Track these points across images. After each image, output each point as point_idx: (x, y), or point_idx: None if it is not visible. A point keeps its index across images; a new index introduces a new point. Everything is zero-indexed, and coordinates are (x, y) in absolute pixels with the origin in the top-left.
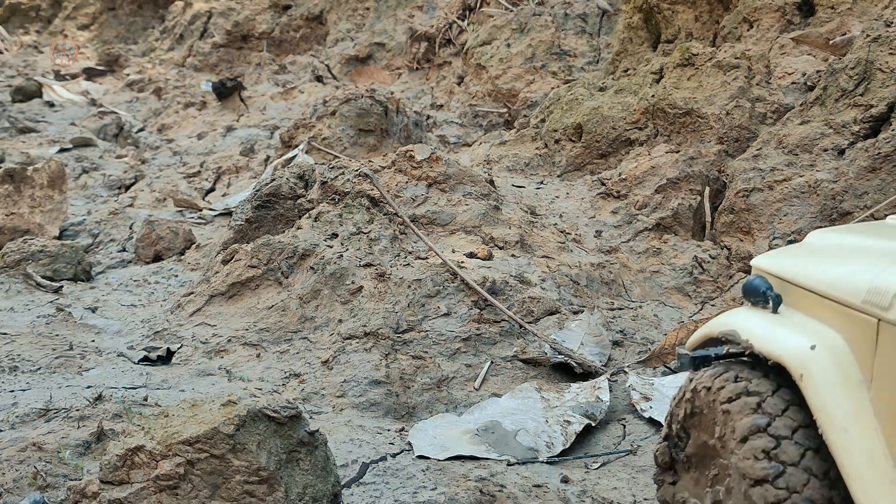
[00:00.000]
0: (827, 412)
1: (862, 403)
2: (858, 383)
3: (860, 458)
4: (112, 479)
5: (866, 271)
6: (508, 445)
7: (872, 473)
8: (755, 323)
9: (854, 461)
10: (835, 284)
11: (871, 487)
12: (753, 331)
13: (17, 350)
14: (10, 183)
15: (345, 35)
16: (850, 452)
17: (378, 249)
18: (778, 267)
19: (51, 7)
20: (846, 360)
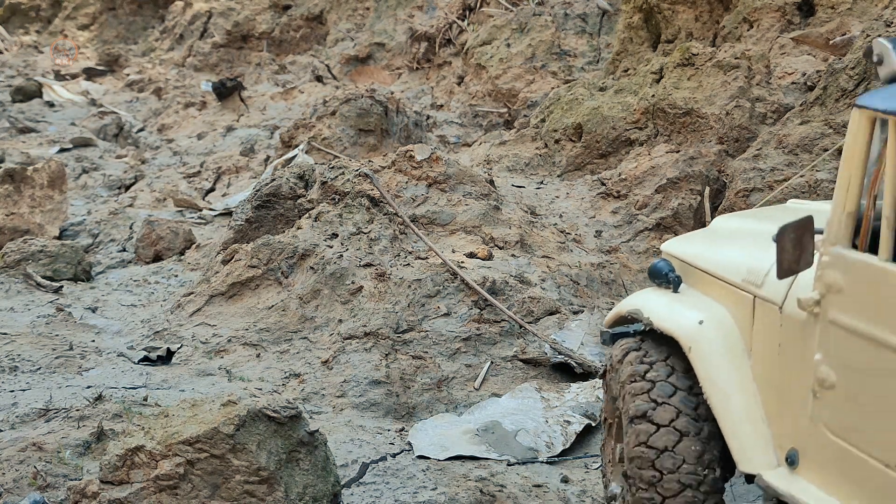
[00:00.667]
0: (711, 380)
1: (743, 371)
2: (740, 353)
3: (740, 420)
4: (112, 479)
5: (748, 253)
6: (508, 445)
7: (750, 434)
8: (656, 302)
9: (734, 423)
10: (722, 266)
11: (749, 446)
12: (653, 309)
13: (17, 350)
14: (10, 183)
15: (345, 35)
16: (730, 415)
17: (378, 249)
18: (681, 251)
19: (51, 7)
20: (730, 334)
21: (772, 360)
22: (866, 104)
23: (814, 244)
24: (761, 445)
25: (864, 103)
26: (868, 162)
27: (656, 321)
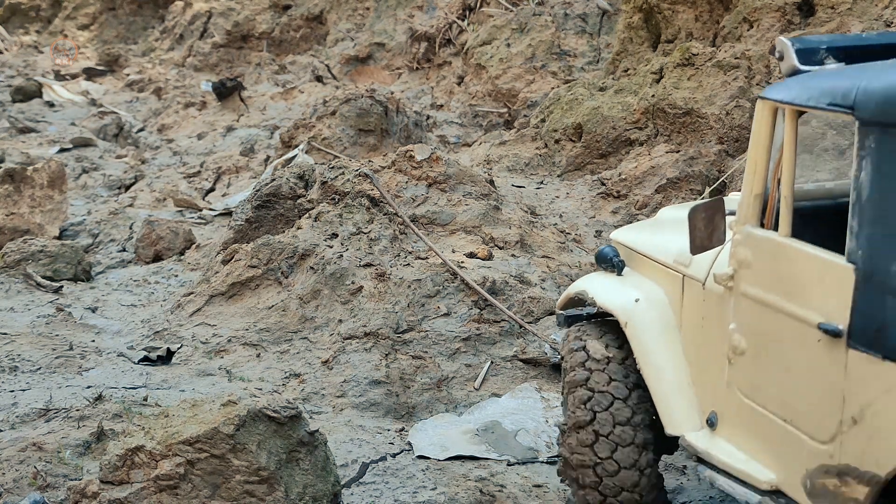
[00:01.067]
0: (643, 351)
1: (673, 344)
2: (672, 328)
3: (668, 387)
4: (112, 479)
5: (681, 238)
6: (508, 445)
7: (677, 400)
8: (600, 283)
9: (663, 390)
10: (658, 250)
11: (675, 411)
12: (597, 290)
13: (17, 350)
14: (10, 183)
15: (345, 35)
16: (660, 383)
17: (378, 249)
18: (626, 238)
19: (51, 7)
20: (664, 311)
21: (696, 332)
22: (768, 96)
23: (725, 223)
24: (686, 410)
25: (766, 95)
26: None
27: (598, 300)
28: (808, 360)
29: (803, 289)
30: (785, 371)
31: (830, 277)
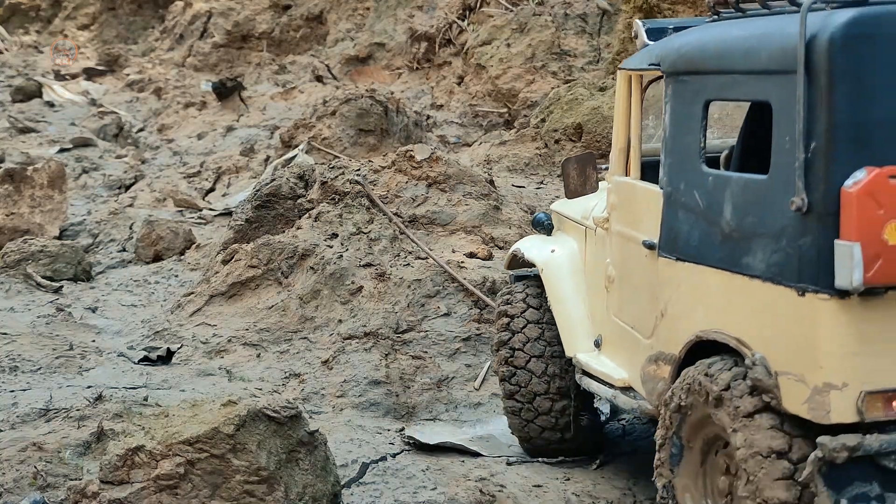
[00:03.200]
0: (553, 290)
1: (578, 285)
2: (578, 272)
3: (568, 319)
4: (112, 479)
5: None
6: (500, 450)
7: (575, 328)
8: (531, 243)
9: (567, 324)
10: (574, 211)
11: (573, 337)
12: (528, 247)
13: (17, 350)
14: (10, 183)
15: (345, 35)
16: (563, 316)
17: (378, 249)
18: (558, 207)
19: (51, 7)
20: (573, 259)
21: (590, 272)
22: (622, 66)
23: (596, 174)
24: (581, 336)
25: (621, 66)
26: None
27: (526, 254)
28: (640, 273)
29: (640, 217)
30: (632, 288)
31: (651, 203)
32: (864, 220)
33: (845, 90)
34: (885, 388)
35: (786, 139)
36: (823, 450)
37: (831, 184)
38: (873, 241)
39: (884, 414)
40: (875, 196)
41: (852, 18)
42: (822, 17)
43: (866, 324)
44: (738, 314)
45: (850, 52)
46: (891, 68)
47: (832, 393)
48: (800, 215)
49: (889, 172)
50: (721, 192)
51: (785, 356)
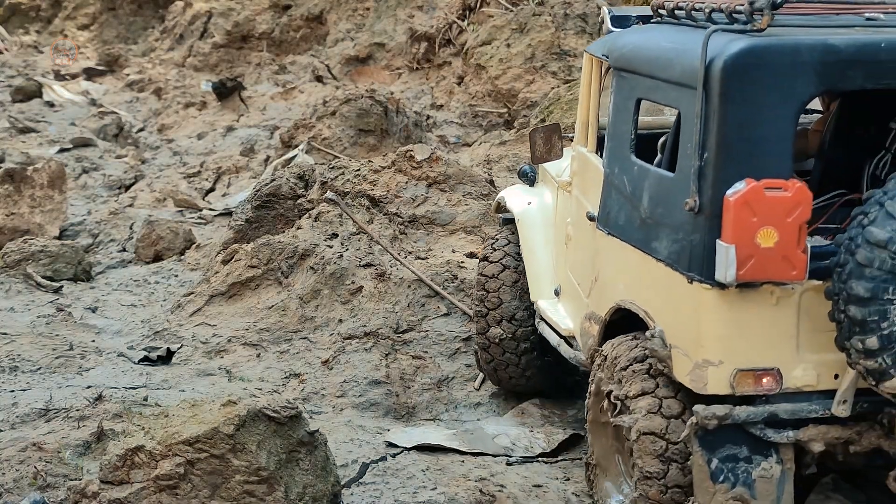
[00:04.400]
0: (525, 239)
1: (548, 237)
2: (549, 225)
3: (538, 270)
4: (112, 479)
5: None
6: (483, 443)
7: (541, 277)
8: (514, 192)
9: (534, 271)
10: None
11: (538, 285)
12: (511, 197)
13: (17, 350)
14: (10, 183)
15: (345, 35)
16: (532, 265)
17: (378, 249)
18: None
19: (51, 7)
20: (547, 212)
21: (558, 225)
22: (587, 49)
23: (561, 143)
24: (545, 284)
25: (586, 48)
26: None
27: (507, 204)
28: (586, 239)
29: (589, 188)
30: (581, 249)
31: (597, 179)
32: (740, 226)
33: (734, 110)
34: (754, 367)
35: (688, 146)
36: (697, 416)
37: (717, 191)
38: (747, 244)
39: (753, 389)
40: (751, 205)
41: (744, 48)
42: (722, 43)
43: (742, 312)
44: (647, 290)
45: (739, 78)
46: (775, 93)
47: (709, 368)
48: (692, 214)
49: (765, 185)
50: (642, 182)
51: (677, 332)
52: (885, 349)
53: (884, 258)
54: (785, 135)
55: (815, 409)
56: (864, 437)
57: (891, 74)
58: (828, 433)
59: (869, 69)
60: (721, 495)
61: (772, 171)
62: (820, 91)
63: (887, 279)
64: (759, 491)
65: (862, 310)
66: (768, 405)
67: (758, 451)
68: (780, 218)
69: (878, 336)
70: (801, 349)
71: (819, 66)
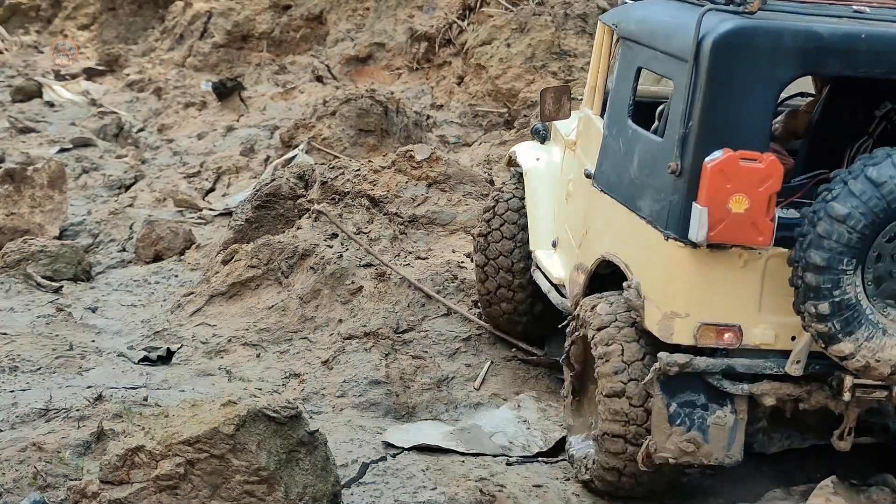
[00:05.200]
0: (529, 193)
1: (551, 191)
2: (554, 181)
3: (539, 221)
4: (112, 479)
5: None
6: (481, 443)
7: (541, 228)
8: (525, 148)
9: (535, 223)
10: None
11: (538, 235)
12: (523, 152)
13: (17, 350)
14: (10, 183)
15: (345, 35)
16: (534, 217)
17: (378, 249)
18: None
19: (51, 7)
20: (553, 168)
21: (562, 181)
22: (600, 18)
23: (570, 104)
24: (544, 236)
25: (600, 17)
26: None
27: (518, 158)
28: (583, 195)
29: (589, 148)
30: (577, 204)
31: (597, 139)
32: (714, 190)
33: (719, 84)
34: (717, 322)
35: (676, 114)
36: (660, 363)
37: (697, 157)
38: (719, 208)
39: (714, 342)
40: (726, 172)
41: (733, 28)
42: (714, 22)
43: (710, 270)
44: (629, 245)
45: (726, 55)
46: (758, 72)
47: (676, 320)
48: (674, 177)
49: (741, 155)
50: (635, 145)
51: (651, 285)
52: (835, 315)
53: (841, 231)
54: (764, 111)
55: (770, 367)
56: (813, 396)
57: (868, 64)
58: (780, 389)
59: (847, 58)
60: (676, 437)
61: (749, 143)
62: (800, 74)
63: (843, 251)
64: (711, 436)
65: (817, 277)
66: (727, 358)
67: (714, 400)
68: (751, 187)
69: (830, 302)
70: (762, 310)
71: (801, 52)
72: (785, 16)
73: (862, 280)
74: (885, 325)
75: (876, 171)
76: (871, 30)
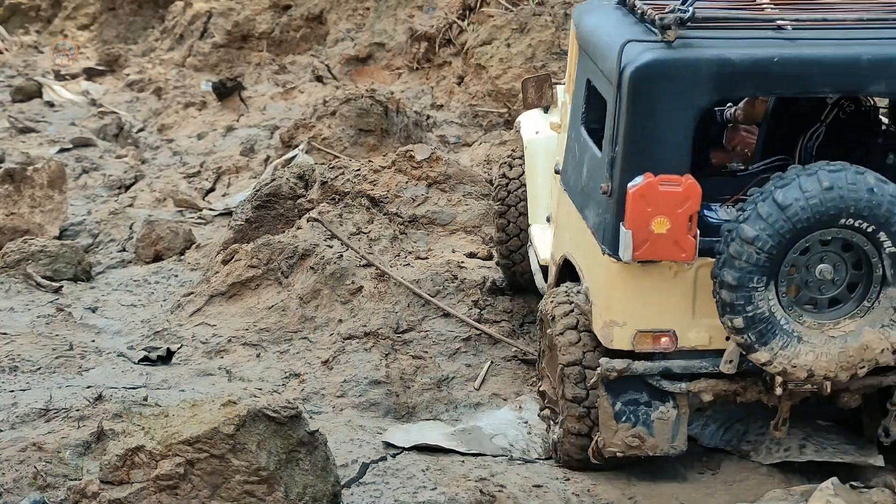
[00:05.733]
0: (529, 166)
1: (548, 166)
2: (552, 154)
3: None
4: (112, 479)
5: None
6: (481, 444)
7: (538, 201)
8: (528, 118)
9: (533, 197)
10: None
11: (536, 214)
12: (525, 123)
13: (17, 350)
14: (10, 183)
15: (345, 35)
16: (532, 191)
17: (378, 249)
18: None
19: (51, 7)
20: (551, 142)
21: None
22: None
23: (552, 91)
24: (541, 210)
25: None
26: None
27: (521, 130)
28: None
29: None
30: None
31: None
32: (637, 214)
33: (640, 113)
34: (652, 329)
35: (608, 136)
36: (601, 368)
37: (623, 180)
38: (643, 230)
39: (651, 347)
40: (646, 197)
41: (650, 60)
42: (634, 53)
43: (643, 282)
44: (581, 250)
45: (645, 86)
46: (676, 100)
47: (615, 328)
48: (606, 197)
49: (660, 180)
50: (584, 154)
51: (595, 293)
52: (750, 328)
53: (751, 252)
54: (684, 135)
55: (705, 366)
56: (748, 391)
57: (781, 86)
58: (716, 386)
59: (760, 80)
60: (622, 433)
61: (670, 167)
62: (717, 99)
63: (753, 270)
64: (656, 430)
65: (731, 294)
66: (664, 361)
67: (656, 398)
68: (672, 209)
69: (744, 317)
70: (696, 315)
71: (715, 78)
72: (704, 42)
73: (776, 293)
74: (800, 333)
75: (782, 194)
76: (783, 53)
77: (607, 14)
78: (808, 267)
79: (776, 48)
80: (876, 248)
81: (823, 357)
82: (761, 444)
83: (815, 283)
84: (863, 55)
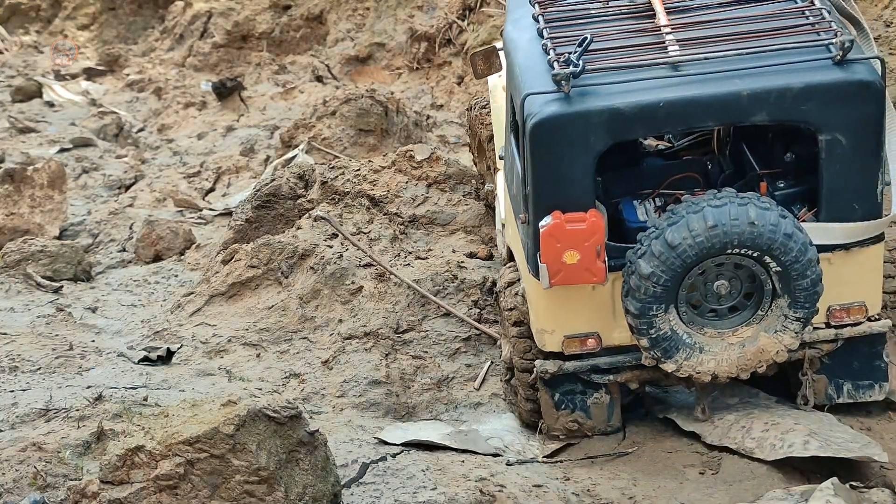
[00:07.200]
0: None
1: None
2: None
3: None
4: (112, 479)
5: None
6: (476, 444)
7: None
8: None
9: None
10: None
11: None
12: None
13: (17, 350)
14: (10, 183)
15: (345, 35)
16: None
17: (378, 249)
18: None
19: (51, 7)
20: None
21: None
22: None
23: (499, 62)
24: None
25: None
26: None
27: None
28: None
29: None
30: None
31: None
32: (549, 250)
33: (543, 159)
34: (577, 334)
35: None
36: (536, 369)
37: (536, 217)
38: (555, 262)
39: (578, 349)
40: (555, 236)
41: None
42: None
43: (566, 296)
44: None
45: (545, 137)
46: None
47: (546, 334)
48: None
49: (567, 219)
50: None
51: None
52: (655, 346)
53: (648, 286)
54: (586, 176)
55: (629, 360)
56: (669, 378)
57: (667, 124)
58: (640, 376)
59: (648, 123)
60: (563, 419)
61: (575, 204)
62: (612, 142)
63: (651, 301)
64: (593, 414)
65: (634, 320)
66: (592, 359)
67: (590, 387)
68: (579, 243)
69: (648, 338)
70: (617, 317)
71: (607, 125)
72: (597, 89)
73: (676, 313)
74: (701, 344)
75: (671, 233)
76: (667, 97)
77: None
78: (705, 284)
79: (662, 91)
80: (763, 267)
81: (724, 362)
82: (765, 441)
83: (714, 296)
84: (743, 91)
